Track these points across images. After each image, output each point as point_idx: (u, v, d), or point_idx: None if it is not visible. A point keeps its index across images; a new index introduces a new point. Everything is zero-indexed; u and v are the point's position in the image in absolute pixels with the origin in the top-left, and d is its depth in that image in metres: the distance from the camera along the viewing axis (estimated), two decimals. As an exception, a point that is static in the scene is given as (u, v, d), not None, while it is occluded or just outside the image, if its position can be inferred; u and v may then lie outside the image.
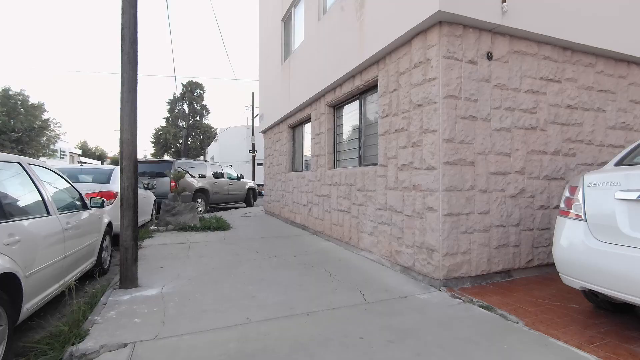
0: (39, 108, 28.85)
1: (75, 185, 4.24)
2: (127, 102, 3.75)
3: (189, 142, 41.69)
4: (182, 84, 41.80)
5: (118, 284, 3.73)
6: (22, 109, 27.71)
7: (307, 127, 8.04)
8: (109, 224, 4.76)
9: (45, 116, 29.66)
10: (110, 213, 5.23)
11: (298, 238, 6.75)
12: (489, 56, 3.88)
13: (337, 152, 6.50)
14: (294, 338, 2.56)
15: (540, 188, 4.20)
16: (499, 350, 2.38)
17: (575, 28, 4.17)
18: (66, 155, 39.11)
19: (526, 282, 3.91)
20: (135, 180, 3.79)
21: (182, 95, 41.48)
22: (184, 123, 41.30)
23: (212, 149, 41.92)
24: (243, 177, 14.45)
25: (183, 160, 13.17)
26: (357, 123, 5.70)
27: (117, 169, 6.55)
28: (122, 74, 3.75)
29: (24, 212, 2.75)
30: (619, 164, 2.74)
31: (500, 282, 3.93)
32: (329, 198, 6.33)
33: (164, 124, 42.02)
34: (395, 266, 4.39)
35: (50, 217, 3.06)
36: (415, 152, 4.03)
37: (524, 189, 4.10)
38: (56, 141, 31.95)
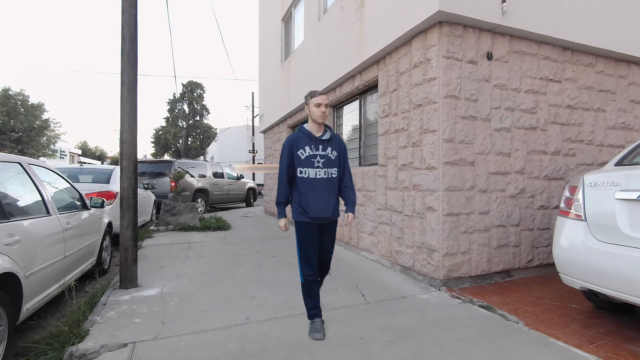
0: (39, 108, 28.83)
1: (75, 185, 4.24)
2: (127, 102, 3.75)
3: (189, 142, 41.69)
4: (182, 84, 41.84)
5: (118, 284, 3.73)
6: (22, 109, 27.69)
7: (307, 127, 8.02)
8: (109, 224, 4.76)
9: (45, 116, 29.64)
10: (110, 213, 5.23)
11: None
12: (489, 56, 3.88)
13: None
14: (294, 338, 2.56)
15: (540, 188, 4.20)
16: (499, 350, 2.38)
17: (575, 28, 4.17)
18: (66, 155, 39.09)
19: (526, 282, 3.91)
20: (135, 180, 3.79)
21: (182, 95, 41.47)
22: (184, 123, 41.30)
23: (212, 149, 41.96)
24: (243, 177, 14.46)
25: (183, 160, 13.18)
26: (357, 123, 5.70)
27: (117, 169, 6.54)
28: (122, 74, 3.75)
29: (24, 212, 2.75)
30: (619, 164, 2.74)
31: (500, 282, 3.93)
32: (329, 198, 6.31)
33: (164, 124, 42.01)
34: (395, 266, 4.39)
35: (50, 217, 3.05)
36: (415, 152, 4.03)
37: (524, 189, 4.10)
38: (56, 141, 31.93)
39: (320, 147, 2.62)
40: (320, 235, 2.68)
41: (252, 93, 28.95)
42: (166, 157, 39.69)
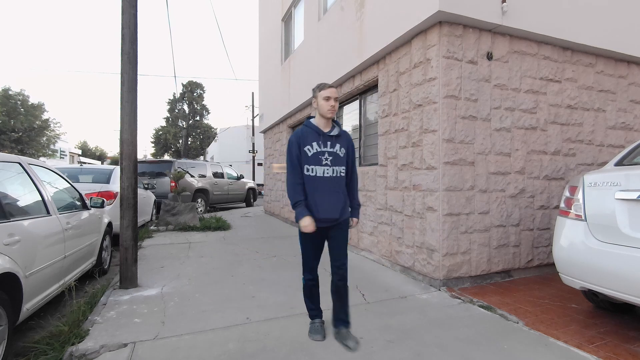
0: (39, 108, 28.83)
1: (75, 185, 4.24)
2: (127, 102, 3.75)
3: (189, 142, 41.69)
4: (182, 84, 41.84)
5: (118, 284, 3.73)
6: (22, 109, 27.69)
7: (307, 127, 8.03)
8: (109, 224, 4.76)
9: (45, 116, 29.65)
10: (110, 213, 5.23)
11: (298, 238, 6.73)
12: (489, 56, 3.88)
13: (337, 152, 6.49)
14: (294, 338, 2.56)
15: (540, 188, 4.20)
16: (499, 351, 2.38)
17: (575, 28, 4.17)
18: (66, 155, 39.09)
19: (526, 282, 3.91)
20: (135, 180, 3.79)
21: (182, 95, 41.47)
22: (184, 123, 41.30)
23: (212, 149, 41.94)
24: (243, 177, 14.45)
25: (183, 160, 13.17)
26: (357, 123, 5.70)
27: (117, 169, 6.54)
28: (122, 74, 3.75)
29: (24, 212, 2.75)
30: (619, 164, 2.74)
31: (500, 282, 3.93)
32: (329, 198, 6.32)
33: (164, 124, 42.01)
34: (395, 266, 4.39)
35: (50, 217, 3.05)
36: (415, 152, 4.03)
37: (524, 189, 4.10)
38: (56, 141, 31.93)
39: (329, 143, 2.43)
40: (329, 238, 2.50)
41: (252, 93, 28.93)
42: (166, 157, 39.69)
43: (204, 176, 11.59)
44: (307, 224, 2.34)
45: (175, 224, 7.88)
